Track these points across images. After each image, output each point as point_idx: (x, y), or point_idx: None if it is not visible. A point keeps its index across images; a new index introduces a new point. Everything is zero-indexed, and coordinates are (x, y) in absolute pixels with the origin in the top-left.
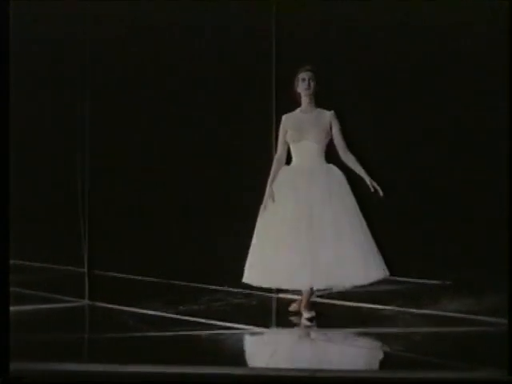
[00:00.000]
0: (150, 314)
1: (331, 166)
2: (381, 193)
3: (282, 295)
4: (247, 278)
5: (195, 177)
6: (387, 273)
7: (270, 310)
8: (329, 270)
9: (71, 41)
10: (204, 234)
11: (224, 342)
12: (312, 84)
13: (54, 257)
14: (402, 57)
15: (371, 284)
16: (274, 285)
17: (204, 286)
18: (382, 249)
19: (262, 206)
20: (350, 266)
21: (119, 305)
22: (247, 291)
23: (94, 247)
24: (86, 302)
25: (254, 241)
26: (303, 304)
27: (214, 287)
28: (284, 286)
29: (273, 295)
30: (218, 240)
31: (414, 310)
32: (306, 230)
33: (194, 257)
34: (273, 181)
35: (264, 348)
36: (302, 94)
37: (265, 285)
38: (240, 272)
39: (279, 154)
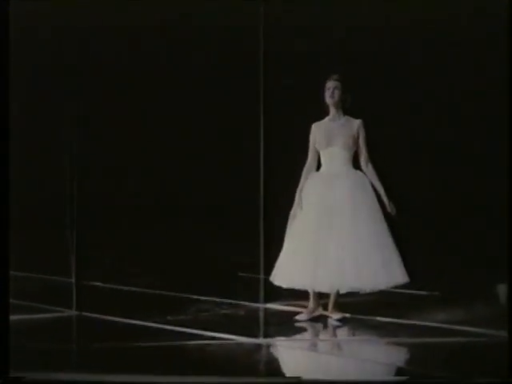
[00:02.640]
0: (138, 324)
1: (358, 171)
2: (394, 211)
3: (269, 305)
4: (276, 280)
5: (181, 189)
6: (406, 278)
7: (258, 320)
8: (349, 274)
9: (62, 40)
10: (192, 245)
11: (212, 352)
12: (336, 93)
13: (42, 267)
14: (401, 57)
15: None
16: (298, 286)
17: (191, 296)
18: None
19: (292, 214)
20: (370, 270)
21: (107, 315)
22: (235, 301)
23: (82, 258)
24: (73, 312)
25: (284, 247)
26: (330, 306)
27: (201, 297)
28: (308, 289)
29: (260, 305)
30: (206, 250)
31: (402, 321)
32: (328, 234)
33: (181, 267)
34: (302, 189)
35: (252, 358)
36: (328, 103)
37: (290, 286)
38: (227, 281)
39: (309, 162)
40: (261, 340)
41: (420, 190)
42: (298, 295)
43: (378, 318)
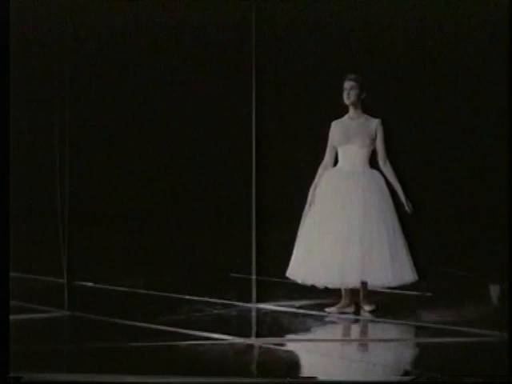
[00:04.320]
0: (130, 325)
1: (373, 170)
2: (411, 209)
3: (261, 305)
4: (290, 275)
5: (174, 190)
6: (416, 277)
7: (250, 320)
8: (358, 271)
9: (62, 40)
10: (183, 246)
11: (204, 352)
12: (352, 93)
13: (34, 267)
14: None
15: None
16: (310, 283)
17: (184, 296)
18: None
19: (305, 209)
20: (379, 267)
21: (98, 315)
22: (227, 301)
23: (74, 258)
24: (65, 312)
25: (297, 241)
26: (361, 298)
27: (193, 298)
28: (317, 284)
29: (252, 305)
30: (197, 251)
31: (394, 321)
32: (339, 231)
33: (173, 267)
34: (316, 185)
35: (244, 358)
36: (346, 103)
37: (304, 282)
38: (218, 282)
39: (326, 159)
40: (253, 340)
41: (419, 190)
42: (291, 295)
43: (374, 318)
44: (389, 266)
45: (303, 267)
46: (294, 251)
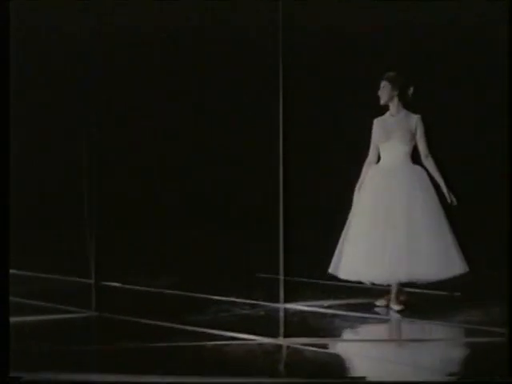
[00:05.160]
0: (157, 325)
1: (415, 165)
2: (455, 202)
3: (288, 305)
4: (334, 271)
5: (202, 190)
6: (466, 268)
7: (278, 320)
8: (404, 265)
9: (71, 39)
10: (211, 246)
11: (231, 352)
12: (383, 92)
13: (62, 268)
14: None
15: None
16: (354, 278)
17: (211, 296)
18: None
19: (352, 208)
20: (427, 260)
21: (125, 316)
22: (254, 302)
23: (101, 258)
24: (92, 312)
25: (343, 238)
26: (392, 297)
27: (220, 298)
28: (363, 280)
29: (280, 305)
30: (225, 251)
31: (422, 321)
32: (384, 226)
33: (200, 268)
34: (362, 183)
35: (272, 358)
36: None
37: (346, 277)
38: (245, 282)
39: (370, 157)
40: (281, 340)
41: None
42: (319, 295)
43: (402, 318)
44: (436, 258)
45: (348, 264)
46: (338, 248)
